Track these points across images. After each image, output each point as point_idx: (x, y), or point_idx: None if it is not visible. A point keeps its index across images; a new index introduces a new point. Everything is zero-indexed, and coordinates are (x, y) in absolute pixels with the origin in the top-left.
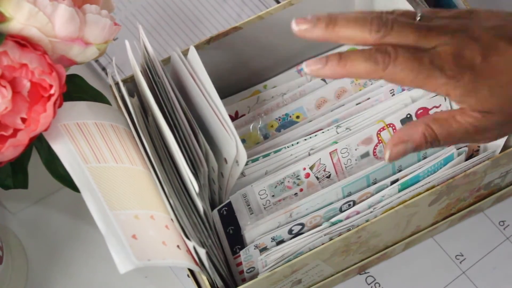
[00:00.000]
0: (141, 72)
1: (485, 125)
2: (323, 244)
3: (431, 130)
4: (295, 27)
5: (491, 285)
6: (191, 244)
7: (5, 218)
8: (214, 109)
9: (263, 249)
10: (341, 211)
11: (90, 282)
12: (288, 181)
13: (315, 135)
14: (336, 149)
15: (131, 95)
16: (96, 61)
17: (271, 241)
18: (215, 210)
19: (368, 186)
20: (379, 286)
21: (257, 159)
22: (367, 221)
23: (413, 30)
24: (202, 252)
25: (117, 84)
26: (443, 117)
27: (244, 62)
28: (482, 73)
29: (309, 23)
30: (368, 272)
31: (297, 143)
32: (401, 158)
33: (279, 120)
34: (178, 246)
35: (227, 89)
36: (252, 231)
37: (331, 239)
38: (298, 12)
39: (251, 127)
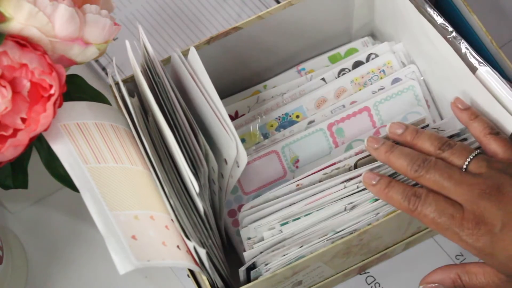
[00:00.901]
0: (141, 72)
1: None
2: (324, 247)
3: (460, 281)
4: (365, 142)
5: None
6: (191, 244)
7: (5, 218)
8: (215, 109)
9: None
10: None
11: (90, 282)
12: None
13: (358, 189)
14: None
15: (131, 95)
16: (96, 61)
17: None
18: (244, 269)
19: None
20: (379, 286)
21: (298, 218)
22: (369, 224)
23: (447, 178)
24: (202, 252)
25: (117, 84)
26: (474, 271)
27: (244, 62)
28: (499, 241)
29: (377, 143)
30: (368, 272)
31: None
32: None
33: (279, 119)
34: (178, 247)
35: (227, 89)
36: (263, 258)
37: (333, 242)
38: (298, 12)
39: (251, 126)
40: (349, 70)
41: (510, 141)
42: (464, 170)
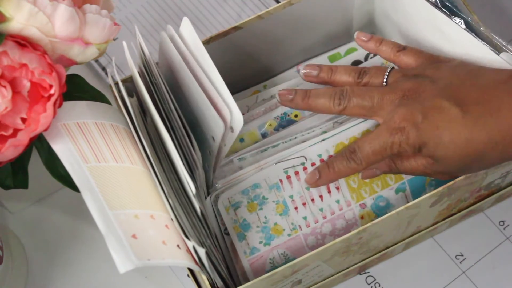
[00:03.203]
0: (138, 73)
1: (435, 169)
2: (322, 245)
3: (394, 165)
4: (278, 98)
5: (491, 285)
6: (190, 244)
7: (5, 218)
8: (204, 81)
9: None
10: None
11: (90, 282)
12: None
13: (313, 131)
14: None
15: (130, 95)
16: (96, 61)
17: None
18: (208, 198)
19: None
20: (379, 286)
21: (255, 153)
22: (361, 218)
23: (369, 98)
24: (201, 251)
25: (116, 84)
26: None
27: (244, 62)
28: (424, 130)
29: (290, 94)
30: (368, 272)
31: (295, 138)
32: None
33: (278, 119)
34: (178, 246)
35: None
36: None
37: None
38: (298, 12)
39: (250, 126)
40: None
41: (418, 49)
42: (384, 85)
